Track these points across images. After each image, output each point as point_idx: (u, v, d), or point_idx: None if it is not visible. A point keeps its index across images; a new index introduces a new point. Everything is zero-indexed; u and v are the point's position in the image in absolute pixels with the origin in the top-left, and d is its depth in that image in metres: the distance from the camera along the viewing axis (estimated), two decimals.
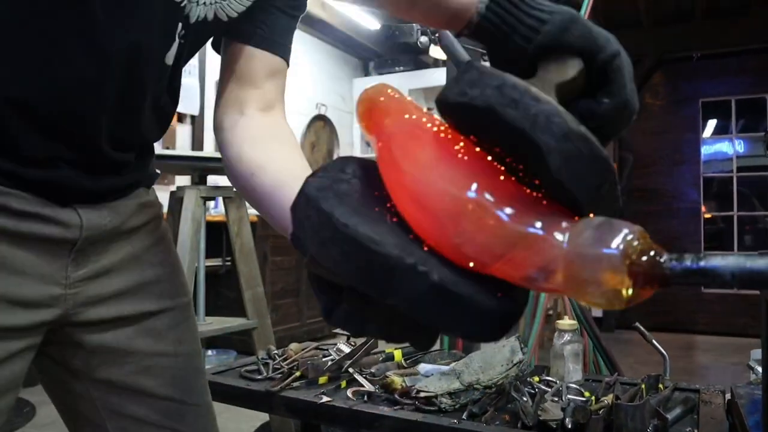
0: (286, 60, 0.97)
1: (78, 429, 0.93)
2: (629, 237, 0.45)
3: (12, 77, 0.68)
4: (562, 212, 0.50)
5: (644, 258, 0.45)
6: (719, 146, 6.31)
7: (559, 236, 0.46)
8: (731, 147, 6.22)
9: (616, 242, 0.45)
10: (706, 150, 6.27)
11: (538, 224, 0.48)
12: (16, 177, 0.72)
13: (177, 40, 0.77)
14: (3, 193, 0.72)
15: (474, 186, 0.49)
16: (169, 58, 0.78)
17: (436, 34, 1.86)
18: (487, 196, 0.49)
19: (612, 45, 0.56)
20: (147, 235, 0.91)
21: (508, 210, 0.49)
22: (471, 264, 0.49)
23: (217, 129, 0.92)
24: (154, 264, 0.91)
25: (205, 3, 0.79)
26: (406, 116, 0.56)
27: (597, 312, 5.77)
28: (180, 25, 0.76)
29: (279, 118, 0.97)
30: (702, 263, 0.45)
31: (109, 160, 0.79)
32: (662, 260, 0.45)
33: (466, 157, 0.54)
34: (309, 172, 0.62)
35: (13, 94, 0.68)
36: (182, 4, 0.76)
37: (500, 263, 0.48)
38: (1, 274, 0.73)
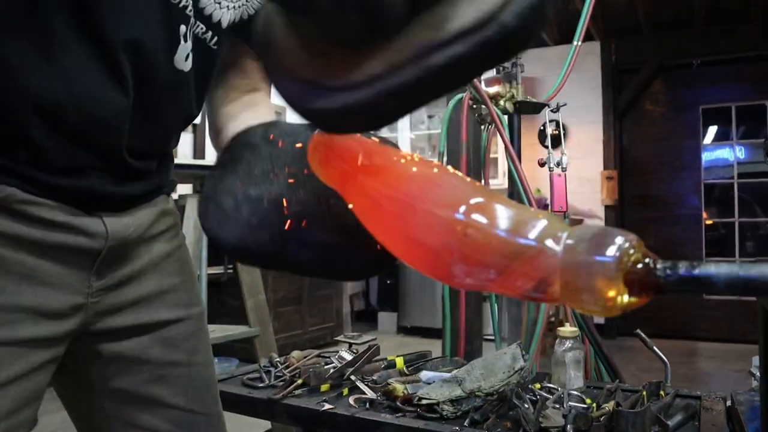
0: None
1: None
2: (625, 245, 0.46)
3: (35, 84, 0.68)
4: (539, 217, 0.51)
5: (639, 266, 0.45)
6: (720, 153, 6.31)
7: (554, 246, 0.47)
8: (732, 153, 6.22)
9: (612, 250, 0.46)
10: (706, 156, 6.27)
11: (532, 235, 0.48)
12: (47, 186, 0.73)
13: (182, 41, 0.77)
14: (33, 203, 0.73)
15: (462, 208, 0.50)
16: (180, 62, 0.78)
17: None
18: (475, 216, 0.49)
19: None
20: (166, 243, 0.92)
21: (500, 224, 0.49)
22: (468, 284, 0.50)
23: (209, 109, 0.96)
24: (171, 273, 0.92)
25: (235, 7, 0.81)
26: (360, 159, 0.55)
27: (599, 319, 5.77)
28: (183, 27, 0.77)
29: (263, 97, 0.98)
30: (696, 271, 0.46)
31: (133, 167, 0.81)
32: (657, 268, 0.46)
33: (435, 174, 0.54)
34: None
35: (39, 102, 0.69)
36: (206, 11, 0.77)
37: (500, 280, 0.49)
38: (30, 286, 0.74)
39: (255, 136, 0.70)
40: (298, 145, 0.67)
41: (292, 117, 0.57)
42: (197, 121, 5.09)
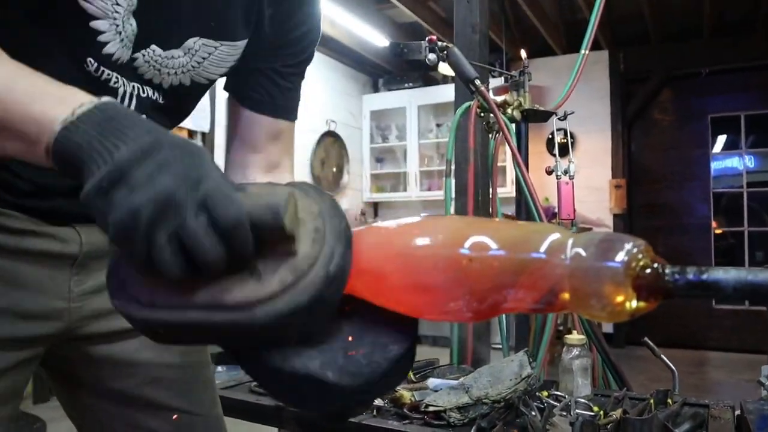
0: (291, 119, 0.98)
1: None
2: (633, 250, 0.46)
3: None
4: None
5: (648, 271, 0.46)
6: (729, 162, 6.29)
7: (561, 254, 0.47)
8: (741, 162, 6.20)
9: (620, 256, 0.46)
10: (715, 165, 6.25)
11: (538, 247, 0.49)
12: (15, 205, 0.75)
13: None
14: (3, 214, 0.75)
15: (463, 241, 0.50)
16: None
17: (444, 51, 1.88)
18: (478, 244, 0.50)
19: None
20: None
21: (504, 244, 0.50)
22: (480, 311, 0.50)
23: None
24: None
25: (176, 73, 0.82)
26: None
27: (607, 328, 5.74)
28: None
29: (283, 176, 0.98)
30: (704, 276, 0.46)
31: None
32: (665, 273, 0.46)
33: (427, 221, 0.55)
34: None
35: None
36: (146, 76, 0.79)
37: (511, 299, 0.49)
38: (5, 288, 0.76)
39: None
40: None
41: (301, 126, 0.60)
42: (206, 129, 5.12)
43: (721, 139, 6.30)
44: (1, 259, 0.75)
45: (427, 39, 1.87)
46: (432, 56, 1.85)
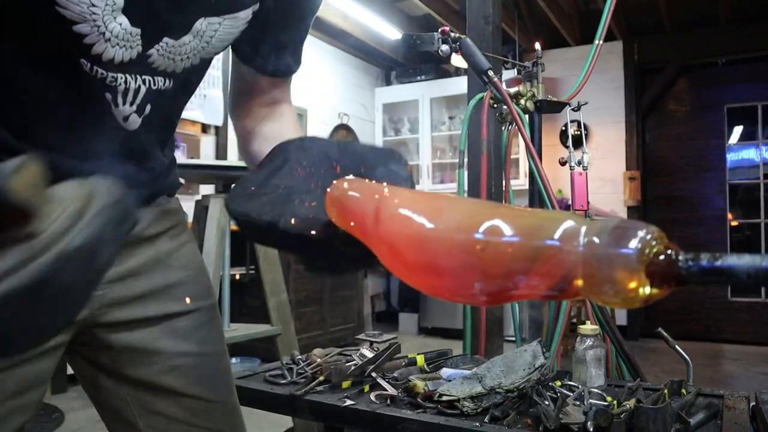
0: (296, 71, 1.01)
1: (113, 425, 0.96)
2: (647, 237, 0.46)
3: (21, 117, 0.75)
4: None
5: (661, 257, 0.46)
6: (746, 153, 6.22)
7: (574, 241, 0.47)
8: (758, 154, 6.13)
9: (634, 242, 0.46)
10: (732, 157, 6.19)
11: (551, 234, 0.49)
12: None
13: (113, 107, 0.80)
14: None
15: (477, 226, 0.51)
16: (120, 123, 0.82)
17: (457, 43, 1.88)
18: (492, 230, 0.50)
19: None
20: (170, 239, 0.94)
21: (517, 231, 0.50)
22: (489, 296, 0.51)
23: (233, 118, 1.02)
24: (177, 268, 0.94)
25: (188, 57, 0.84)
26: (373, 212, 0.59)
27: (621, 320, 5.71)
28: (108, 95, 0.79)
29: (284, 108, 1.03)
30: (718, 263, 0.46)
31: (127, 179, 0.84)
32: (679, 259, 0.46)
33: (445, 201, 0.56)
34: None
35: (25, 131, 0.75)
36: (161, 68, 0.81)
37: (524, 285, 0.49)
38: None
39: (289, 144, 0.76)
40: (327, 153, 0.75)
41: (313, 118, 0.61)
42: (219, 123, 5.14)
43: (738, 130, 6.23)
44: None
45: (440, 30, 1.87)
46: (445, 47, 1.84)
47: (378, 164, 0.72)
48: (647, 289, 0.46)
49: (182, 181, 1.02)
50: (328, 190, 0.66)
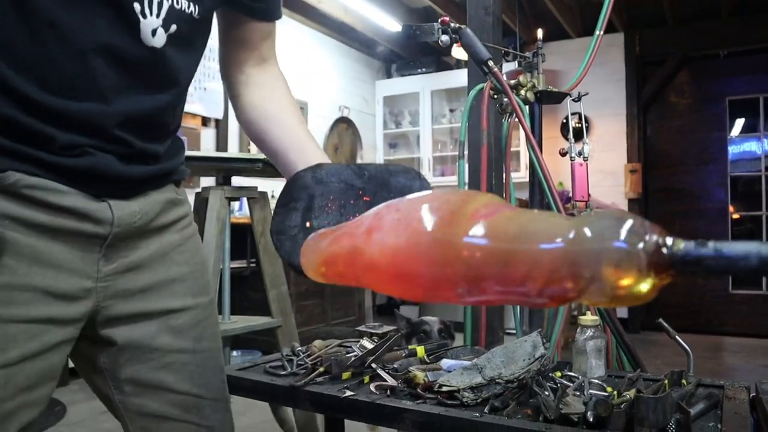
0: (279, 16, 1.06)
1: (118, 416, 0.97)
2: (635, 229, 0.45)
3: (29, 78, 0.73)
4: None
5: (651, 248, 0.44)
6: (747, 145, 6.21)
7: (560, 241, 0.46)
8: (760, 146, 6.11)
9: (623, 235, 0.44)
10: (733, 149, 6.18)
11: (536, 237, 0.47)
12: (51, 166, 0.76)
13: (141, 18, 0.79)
14: (41, 188, 0.75)
15: (462, 230, 0.50)
16: (148, 40, 0.81)
17: (457, 33, 1.87)
18: (479, 232, 0.49)
19: None
20: (176, 233, 0.94)
21: (504, 235, 0.49)
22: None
23: (225, 82, 1.06)
24: (179, 262, 0.94)
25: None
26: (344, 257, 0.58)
27: (622, 312, 5.71)
28: (137, 5, 0.79)
29: (273, 68, 1.08)
30: (705, 250, 0.45)
31: (137, 147, 0.83)
32: (665, 247, 0.45)
33: (425, 199, 0.55)
34: (303, 132, 0.96)
35: (35, 96, 0.73)
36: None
37: (516, 289, 0.48)
38: (39, 268, 0.77)
39: (306, 179, 0.79)
40: (342, 183, 0.79)
41: (314, 112, 0.60)
42: (219, 116, 5.14)
43: (739, 123, 6.21)
44: (35, 237, 0.76)
45: (439, 20, 1.86)
46: (445, 38, 1.83)
47: (399, 184, 0.74)
48: (643, 286, 0.44)
49: (188, 170, 1.02)
50: (302, 258, 0.68)
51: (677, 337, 1.49)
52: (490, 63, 1.81)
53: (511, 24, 5.84)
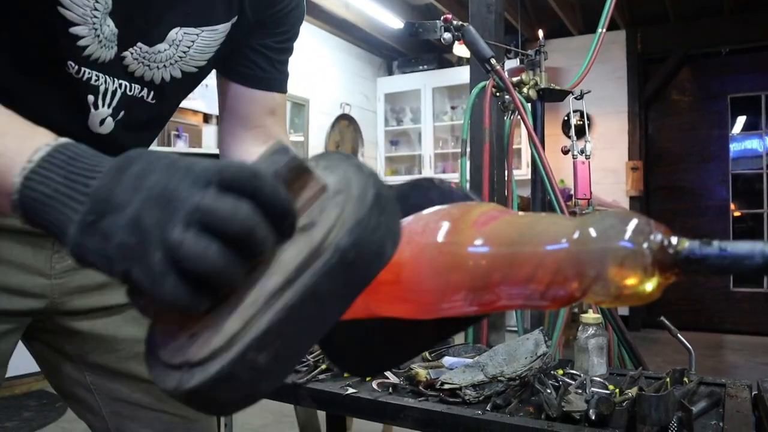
0: (284, 91, 0.98)
1: (80, 414, 0.98)
2: (641, 228, 0.45)
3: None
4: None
5: (655, 248, 0.44)
6: (749, 143, 6.20)
7: (564, 241, 0.46)
8: (761, 144, 6.10)
9: (627, 235, 0.44)
10: (735, 147, 6.17)
11: (537, 239, 0.47)
12: None
13: (92, 109, 0.79)
14: None
15: (461, 238, 0.49)
16: (95, 127, 0.81)
17: (460, 31, 1.87)
18: (482, 238, 0.49)
19: None
20: None
21: (506, 240, 0.48)
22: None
23: (223, 153, 0.98)
24: None
25: (165, 66, 0.83)
26: None
27: (623, 310, 5.71)
28: (91, 97, 0.79)
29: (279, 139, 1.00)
30: (708, 250, 0.45)
31: None
32: (672, 245, 0.45)
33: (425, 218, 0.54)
34: None
35: None
36: (136, 73, 0.81)
37: (517, 294, 0.47)
38: None
39: None
40: None
41: (315, 109, 0.58)
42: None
43: (741, 120, 6.21)
44: None
45: (442, 18, 1.86)
46: (447, 35, 1.83)
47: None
48: (648, 285, 0.44)
49: None
50: None
51: (679, 335, 1.49)
52: (493, 61, 1.81)
53: (513, 21, 5.83)
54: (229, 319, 0.38)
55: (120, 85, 0.81)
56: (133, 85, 0.82)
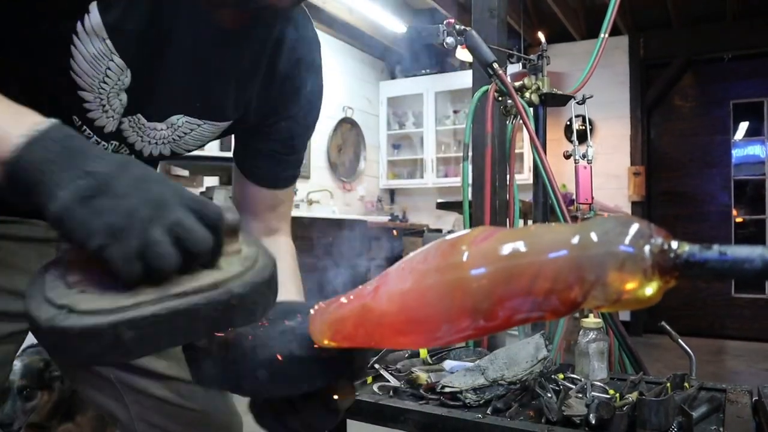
0: (291, 185, 1.01)
1: (102, 403, 0.99)
2: (642, 231, 0.45)
3: None
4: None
5: (656, 252, 0.44)
6: (751, 149, 6.20)
7: (564, 248, 0.46)
8: (764, 150, 6.10)
9: (629, 238, 0.45)
10: (737, 153, 6.16)
11: (538, 249, 0.47)
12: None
13: None
14: None
15: (464, 266, 0.49)
16: None
17: (462, 35, 1.88)
18: (481, 260, 0.49)
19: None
20: None
21: (506, 255, 0.49)
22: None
23: None
24: None
25: (157, 143, 0.85)
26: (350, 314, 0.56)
27: (624, 315, 5.71)
28: None
29: (281, 241, 1.02)
30: (708, 253, 0.45)
31: None
32: (671, 251, 0.45)
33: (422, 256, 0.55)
34: (298, 296, 0.88)
35: None
36: (129, 140, 0.83)
37: (522, 308, 0.48)
38: None
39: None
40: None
41: None
42: None
43: (743, 126, 6.20)
44: None
45: (444, 22, 1.86)
46: (450, 40, 1.84)
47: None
48: (647, 285, 0.44)
49: None
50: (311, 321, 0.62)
51: (679, 340, 1.49)
52: (495, 65, 1.81)
53: (516, 26, 5.84)
54: (124, 294, 0.48)
55: (112, 145, 0.83)
56: (122, 147, 0.84)
